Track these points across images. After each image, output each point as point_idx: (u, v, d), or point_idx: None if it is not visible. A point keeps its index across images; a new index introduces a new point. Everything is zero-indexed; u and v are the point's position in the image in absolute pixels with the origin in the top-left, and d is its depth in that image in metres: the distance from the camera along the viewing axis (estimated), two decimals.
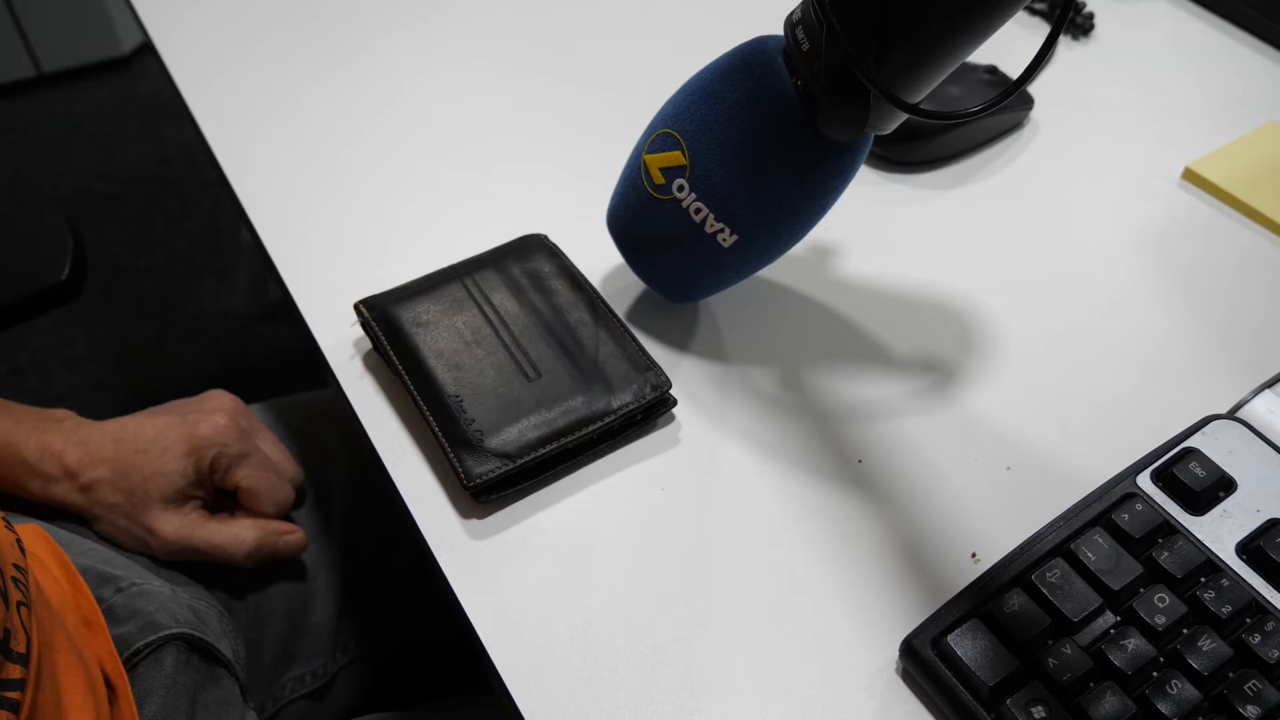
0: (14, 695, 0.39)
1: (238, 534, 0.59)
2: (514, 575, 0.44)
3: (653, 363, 0.50)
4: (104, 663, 0.50)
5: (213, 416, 0.60)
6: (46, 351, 1.58)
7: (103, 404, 1.50)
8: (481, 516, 0.46)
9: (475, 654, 0.43)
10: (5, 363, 1.56)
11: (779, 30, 0.45)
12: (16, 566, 0.44)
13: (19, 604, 0.42)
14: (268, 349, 1.61)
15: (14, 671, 0.40)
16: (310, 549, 0.65)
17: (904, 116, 0.44)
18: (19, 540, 0.47)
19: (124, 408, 0.63)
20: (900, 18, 0.40)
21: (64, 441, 0.58)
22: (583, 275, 0.53)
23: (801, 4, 0.44)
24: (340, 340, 0.53)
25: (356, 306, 0.51)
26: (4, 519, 0.47)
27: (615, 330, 0.51)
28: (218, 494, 0.62)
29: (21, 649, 0.41)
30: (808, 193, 0.46)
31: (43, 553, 0.54)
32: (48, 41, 1.95)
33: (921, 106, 0.44)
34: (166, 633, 0.54)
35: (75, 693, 0.45)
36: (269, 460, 0.62)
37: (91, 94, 1.99)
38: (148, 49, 0.73)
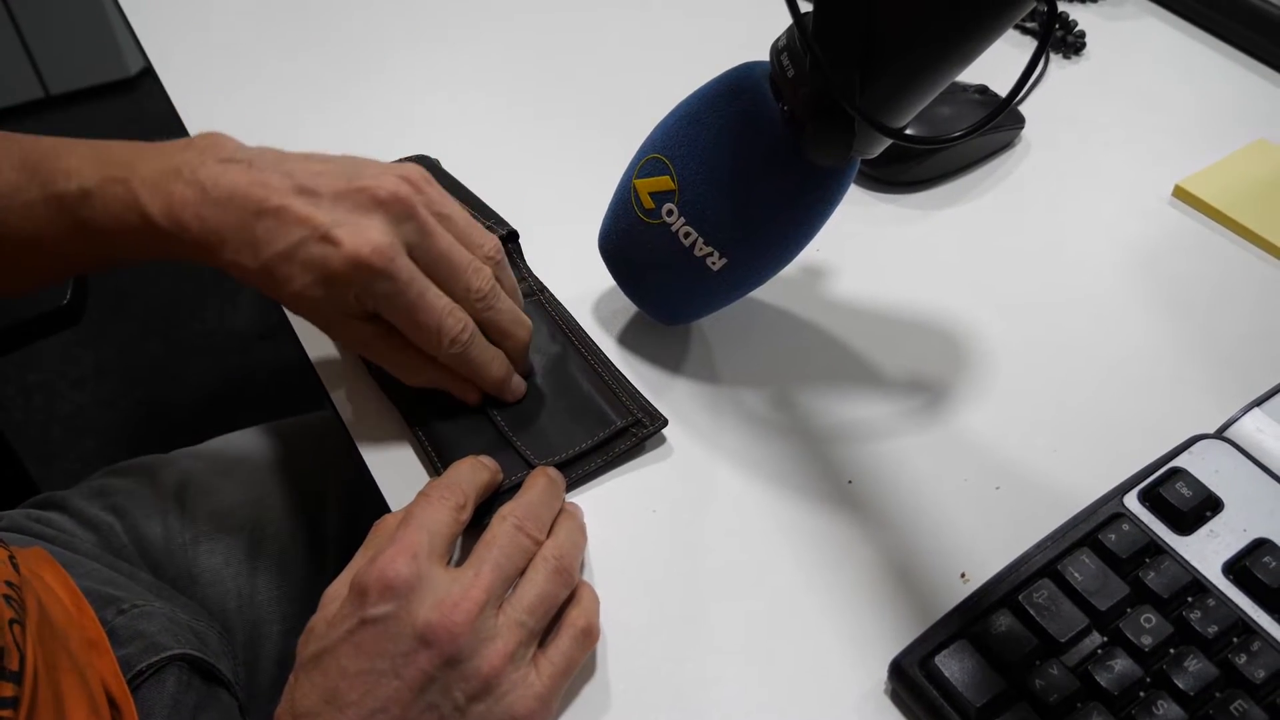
0: (7, 714, 0.40)
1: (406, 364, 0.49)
2: None
3: (625, 397, 0.51)
4: (108, 683, 0.51)
5: (361, 231, 0.45)
6: (54, 372, 1.59)
7: (109, 422, 1.51)
8: (475, 536, 0.46)
9: None
10: (14, 383, 1.57)
11: (766, 57, 0.46)
12: (9, 584, 0.44)
13: (11, 621, 0.42)
14: (273, 367, 1.62)
15: (6, 689, 0.40)
16: (305, 569, 0.65)
17: (889, 141, 0.45)
18: (13, 557, 0.47)
19: (129, 425, 0.64)
20: (883, 45, 0.40)
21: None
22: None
23: (786, 31, 0.44)
24: (335, 362, 0.53)
25: None
26: None
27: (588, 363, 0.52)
28: None
29: (14, 666, 0.41)
30: (795, 217, 0.47)
31: (47, 574, 0.55)
32: (54, 63, 1.97)
33: (907, 130, 0.44)
34: (169, 653, 0.54)
35: (78, 713, 0.46)
36: (428, 294, 0.46)
37: (98, 115, 2.01)
38: (153, 70, 0.74)
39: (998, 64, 0.51)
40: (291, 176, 0.46)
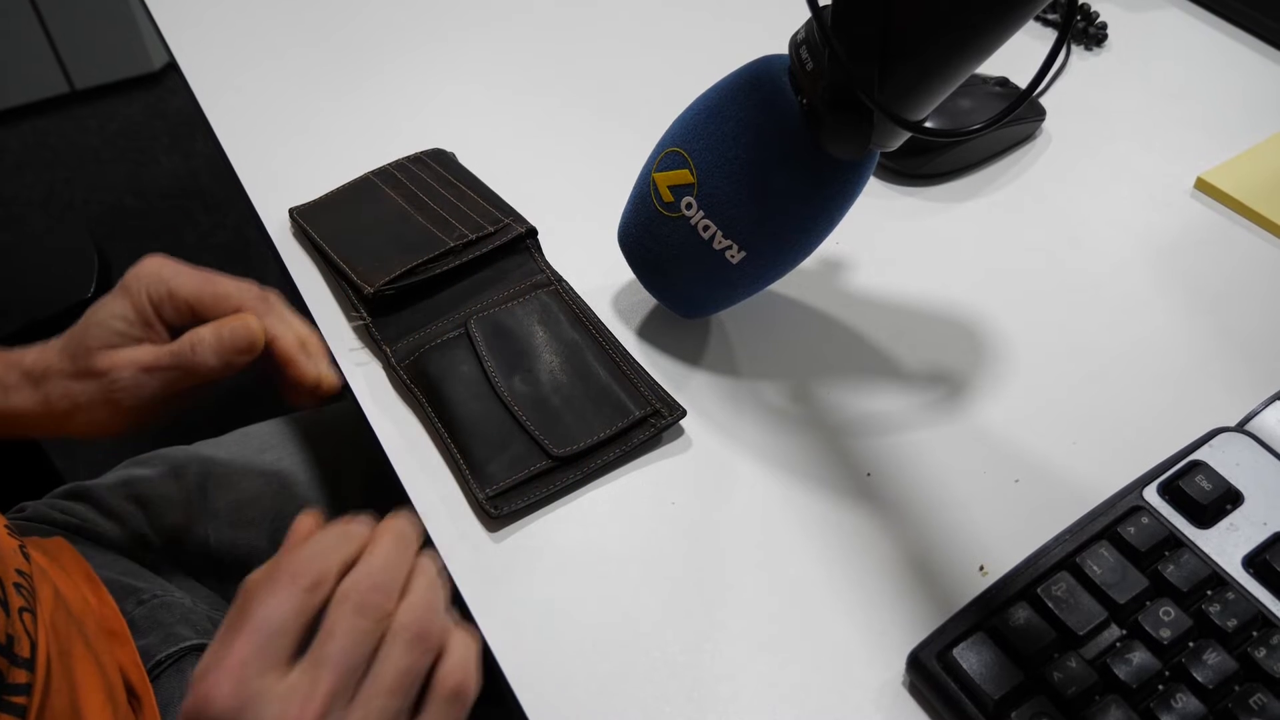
0: (20, 700, 0.40)
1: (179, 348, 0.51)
2: (526, 587, 0.45)
3: (644, 387, 0.51)
4: (128, 672, 0.51)
5: (143, 262, 0.51)
6: None
7: None
8: (494, 529, 0.47)
9: (487, 665, 0.44)
10: None
11: (785, 50, 0.46)
12: (20, 573, 0.45)
13: (21, 610, 0.43)
14: None
15: (19, 676, 0.41)
16: None
17: (908, 134, 0.45)
18: (23, 546, 0.48)
19: None
20: (902, 38, 0.40)
21: (27, 350, 0.51)
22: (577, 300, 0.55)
23: (805, 24, 0.44)
24: (357, 353, 0.54)
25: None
26: (6, 527, 0.48)
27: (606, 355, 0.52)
28: (175, 332, 0.52)
29: (26, 654, 0.42)
30: (813, 210, 0.47)
31: (68, 563, 0.56)
32: (79, 58, 1.98)
33: (926, 123, 0.44)
34: (187, 643, 0.55)
35: (93, 699, 0.46)
36: (211, 280, 0.52)
37: (122, 110, 2.02)
38: (177, 65, 0.74)
39: (1018, 56, 0.51)
40: None
